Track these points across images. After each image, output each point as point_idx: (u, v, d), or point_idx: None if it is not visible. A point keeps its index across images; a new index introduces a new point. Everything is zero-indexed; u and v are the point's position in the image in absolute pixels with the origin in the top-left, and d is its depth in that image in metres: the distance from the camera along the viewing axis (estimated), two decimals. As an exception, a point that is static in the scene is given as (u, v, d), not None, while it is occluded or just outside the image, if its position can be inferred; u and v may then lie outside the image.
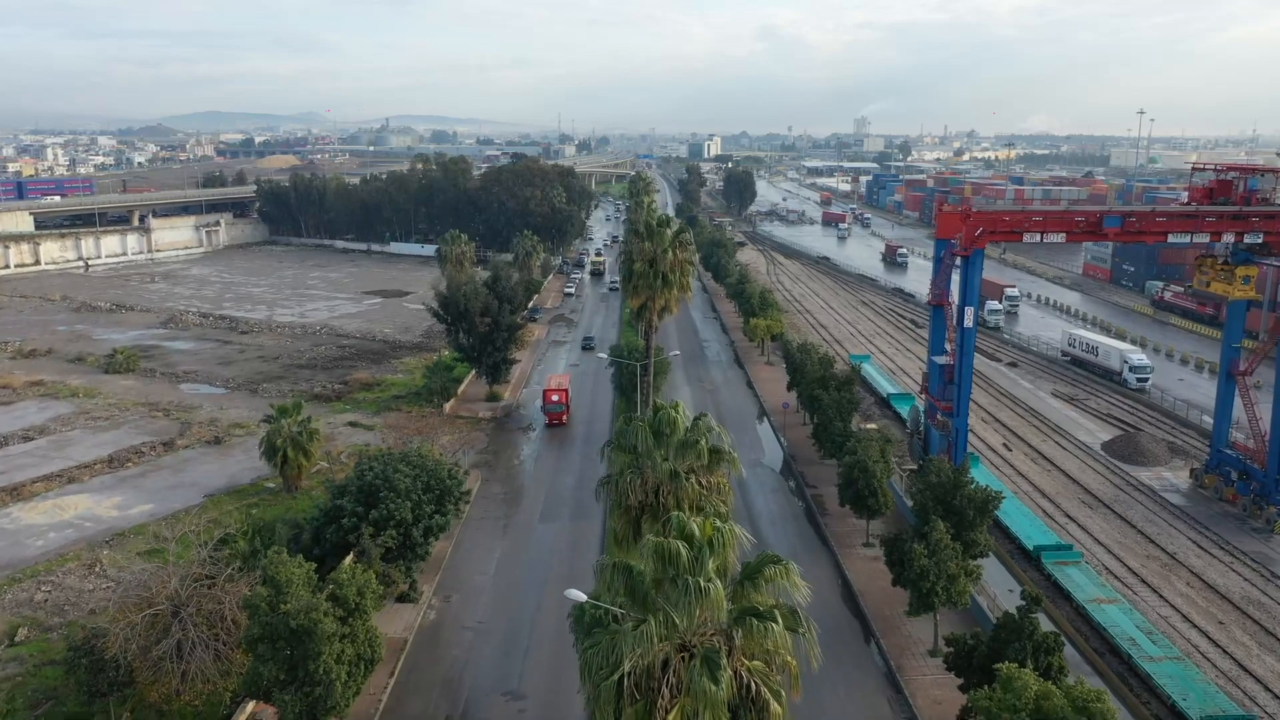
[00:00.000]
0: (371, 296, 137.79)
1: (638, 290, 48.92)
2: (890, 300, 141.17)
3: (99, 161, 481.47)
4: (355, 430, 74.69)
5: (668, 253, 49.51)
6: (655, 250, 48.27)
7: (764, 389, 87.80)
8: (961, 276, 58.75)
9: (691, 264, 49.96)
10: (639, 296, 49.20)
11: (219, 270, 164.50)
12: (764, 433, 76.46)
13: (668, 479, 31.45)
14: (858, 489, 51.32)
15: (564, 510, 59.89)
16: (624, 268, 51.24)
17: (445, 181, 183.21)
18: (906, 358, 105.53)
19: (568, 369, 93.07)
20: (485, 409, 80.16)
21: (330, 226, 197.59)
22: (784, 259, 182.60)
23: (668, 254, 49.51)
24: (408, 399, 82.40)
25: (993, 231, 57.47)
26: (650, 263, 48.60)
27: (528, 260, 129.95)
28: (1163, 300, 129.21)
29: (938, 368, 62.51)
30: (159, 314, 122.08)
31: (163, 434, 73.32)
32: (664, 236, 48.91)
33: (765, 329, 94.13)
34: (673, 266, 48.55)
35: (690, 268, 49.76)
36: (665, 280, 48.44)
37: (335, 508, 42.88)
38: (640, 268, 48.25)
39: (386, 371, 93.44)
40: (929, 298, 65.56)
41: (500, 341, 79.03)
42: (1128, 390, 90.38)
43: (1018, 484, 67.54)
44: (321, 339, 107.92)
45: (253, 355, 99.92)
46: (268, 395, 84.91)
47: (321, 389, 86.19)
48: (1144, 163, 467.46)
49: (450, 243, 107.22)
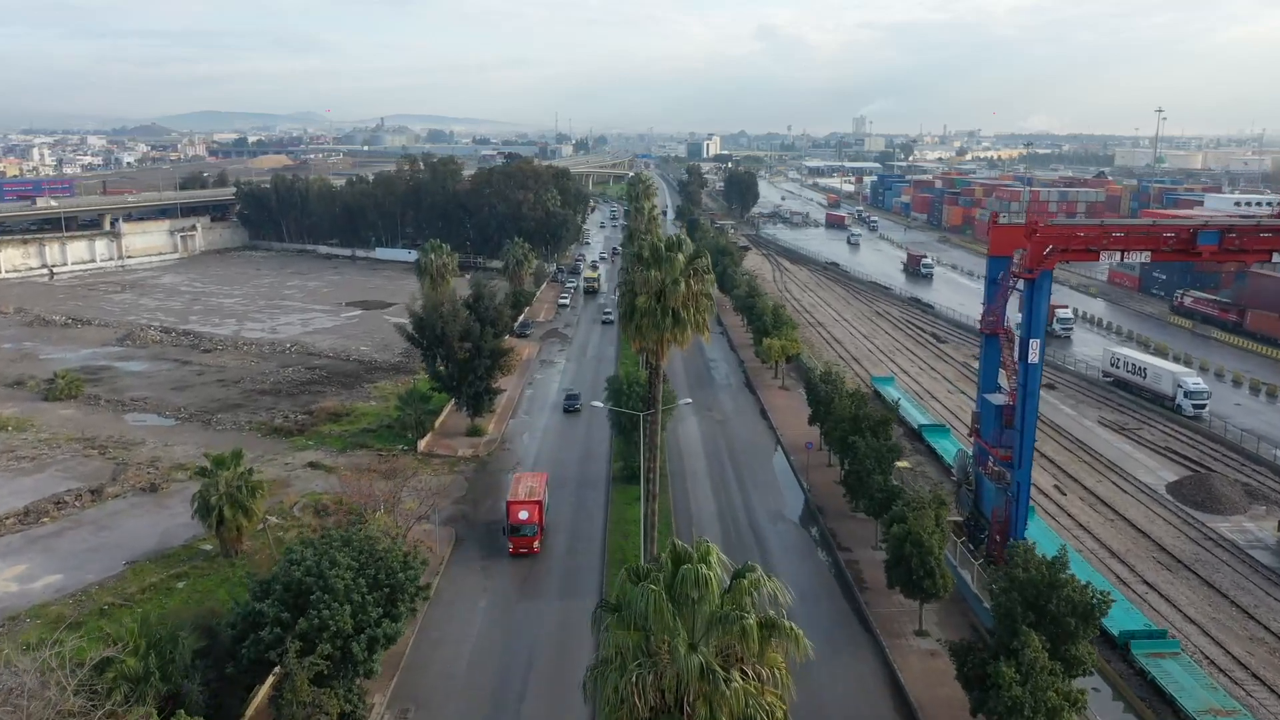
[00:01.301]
0: (351, 308, 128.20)
1: (641, 331, 38.71)
2: (907, 311, 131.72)
3: (86, 162, 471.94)
4: (314, 474, 65.10)
5: (679, 284, 39.34)
6: (664, 280, 38.42)
7: (780, 419, 78.36)
8: (1025, 303, 49.27)
9: (709, 297, 40.33)
10: (643, 339, 39.29)
11: (191, 278, 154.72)
12: (782, 473, 66.97)
13: (696, 676, 20.83)
14: (909, 567, 41.93)
15: (552, 581, 50.34)
16: (623, 300, 41.22)
17: (433, 184, 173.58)
18: (932, 378, 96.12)
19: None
20: (466, 445, 70.67)
21: (313, 231, 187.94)
22: (790, 265, 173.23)
23: (679, 286, 39.22)
24: (379, 433, 72.84)
25: (1064, 250, 48.01)
26: (658, 296, 38.81)
27: (518, 270, 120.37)
28: (1182, 305, 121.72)
29: (993, 408, 53.01)
30: (117, 329, 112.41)
31: (93, 478, 63.73)
32: (674, 264, 38.91)
33: (780, 350, 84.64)
34: (686, 301, 38.73)
35: (708, 302, 40.15)
36: (676, 318, 38.59)
37: (254, 612, 33.36)
38: (644, 303, 38.17)
39: (358, 397, 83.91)
40: (981, 325, 56.05)
41: (482, 369, 69.56)
42: (1183, 418, 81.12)
43: (1080, 539, 58.21)
44: (290, 359, 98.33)
45: (212, 378, 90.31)
46: (222, 427, 75.49)
47: (283, 420, 76.67)
48: (1151, 162, 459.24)
49: (430, 253, 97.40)
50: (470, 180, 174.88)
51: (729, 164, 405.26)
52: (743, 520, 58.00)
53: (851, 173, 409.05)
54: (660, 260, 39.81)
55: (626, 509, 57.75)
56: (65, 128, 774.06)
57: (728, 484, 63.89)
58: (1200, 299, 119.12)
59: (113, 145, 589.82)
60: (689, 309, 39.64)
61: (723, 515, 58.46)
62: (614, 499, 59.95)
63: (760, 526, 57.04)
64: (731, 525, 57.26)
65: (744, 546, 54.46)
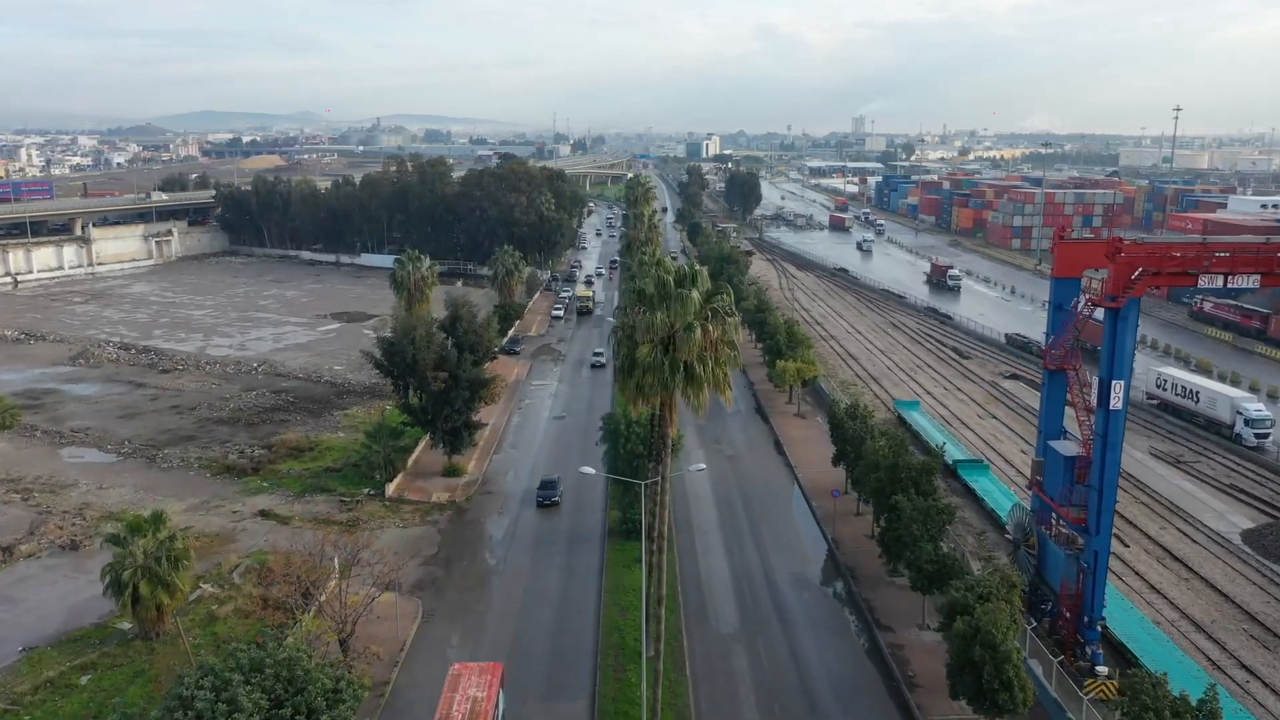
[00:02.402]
0: (329, 321, 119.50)
1: (644, 390, 29.68)
2: (924, 322, 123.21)
3: (75, 162, 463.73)
4: (264, 525, 56.45)
5: (693, 330, 30.25)
6: (673, 325, 29.62)
7: (798, 454, 69.80)
8: (1107, 336, 40.83)
9: (733, 346, 31.43)
10: (646, 399, 30.33)
11: (164, 287, 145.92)
12: (804, 523, 58.26)
13: None
14: (978, 674, 33.41)
15: (536, 673, 41.66)
16: (620, 349, 32.10)
17: (421, 186, 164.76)
18: (959, 401, 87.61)
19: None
20: (442, 488, 62.05)
21: (295, 235, 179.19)
22: (796, 270, 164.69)
23: (694, 332, 30.23)
24: (343, 473, 64.13)
25: (1156, 273, 39.53)
26: (665, 346, 30.01)
27: (508, 280, 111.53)
28: (1201, 311, 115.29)
29: (1061, 459, 44.47)
30: (73, 345, 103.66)
31: (7, 532, 55.07)
32: (687, 304, 29.87)
33: (796, 373, 76.00)
34: (703, 352, 29.92)
35: (731, 353, 31.20)
36: (690, 374, 29.72)
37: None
38: (648, 354, 29.41)
39: (325, 427, 75.27)
40: (1044, 359, 47.39)
41: (460, 402, 60.92)
42: (1244, 449, 72.77)
43: (1155, 606, 49.75)
44: (256, 380, 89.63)
45: (165, 404, 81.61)
46: (167, 465, 66.89)
47: (237, 456, 68.03)
48: (1158, 162, 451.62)
49: (408, 265, 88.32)
50: (460, 182, 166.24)
51: (729, 164, 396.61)
52: (761, 586, 49.41)
53: (853, 173, 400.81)
54: (669, 298, 30.76)
55: (625, 575, 49.18)
56: (62, 128, 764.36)
57: (741, 537, 55.30)
58: (1221, 304, 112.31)
59: (103, 146, 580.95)
60: (706, 362, 30.74)
61: (738, 579, 49.87)
62: (610, 560, 51.36)
63: (782, 595, 48.47)
64: (748, 593, 48.70)
65: (762, 620, 46.01)
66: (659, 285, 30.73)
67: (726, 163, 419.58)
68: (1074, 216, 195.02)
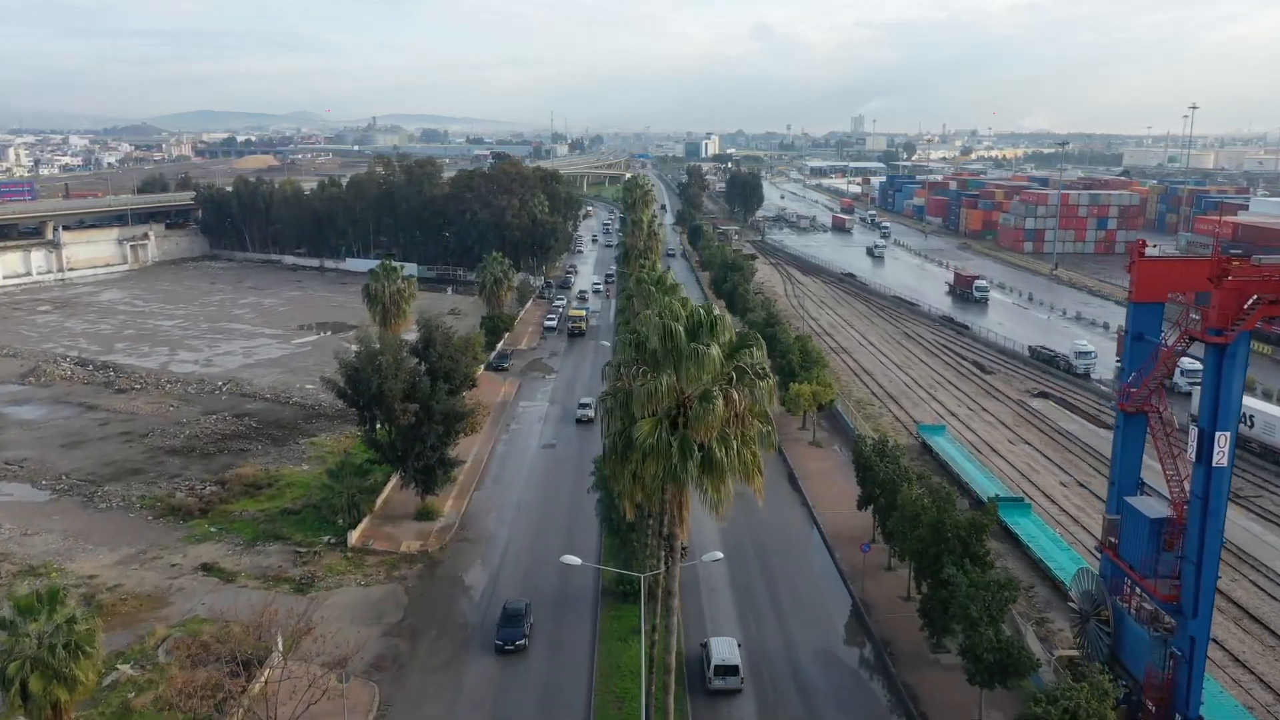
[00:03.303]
0: (306, 332, 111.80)
1: (644, 482, 21.84)
2: (939, 332, 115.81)
3: (65, 162, 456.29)
4: (206, 582, 48.88)
5: (713, 401, 21.89)
6: (685, 392, 21.41)
7: (816, 491, 62.28)
8: (1208, 377, 33.48)
9: (767, 420, 23.62)
10: (646, 493, 22.27)
11: (136, 294, 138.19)
12: (826, 580, 50.58)
13: None
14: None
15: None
16: (610, 423, 23.88)
17: (409, 188, 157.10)
18: (986, 424, 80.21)
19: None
20: (413, 534, 54.50)
21: (279, 239, 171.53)
22: (801, 275, 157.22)
23: (713, 404, 21.80)
24: (301, 516, 56.53)
25: (1274, 301, 32.18)
26: (674, 420, 21.90)
27: (496, 290, 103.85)
28: None
29: (1143, 521, 37.01)
30: (25, 360, 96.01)
31: (-96, 593, 47.51)
32: (705, 363, 21.63)
33: (811, 397, 68.50)
34: (725, 429, 21.85)
35: (765, 429, 23.35)
36: (708, 459, 21.85)
37: None
38: (649, 434, 21.24)
39: (289, 457, 67.68)
40: (1119, 399, 39.77)
41: (434, 438, 53.36)
42: (1311, 483, 65.38)
43: (1241, 684, 42.32)
44: (219, 402, 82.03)
45: (115, 430, 74.01)
46: (105, 505, 59.38)
47: (186, 494, 60.46)
48: (1164, 161, 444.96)
49: (382, 277, 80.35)
50: (449, 184, 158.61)
51: (729, 164, 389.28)
52: (781, 665, 41.83)
53: (855, 173, 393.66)
54: (680, 356, 22.40)
55: (621, 651, 41.66)
56: (61, 128, 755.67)
57: (756, 600, 47.74)
58: None
59: (95, 145, 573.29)
60: (730, 442, 22.75)
61: (754, 657, 42.22)
62: (604, 630, 43.81)
63: (807, 676, 40.93)
64: (767, 674, 41.10)
65: (783, 701, 38.55)
66: (666, 337, 22.61)
67: (726, 162, 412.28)
68: (1088, 219, 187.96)
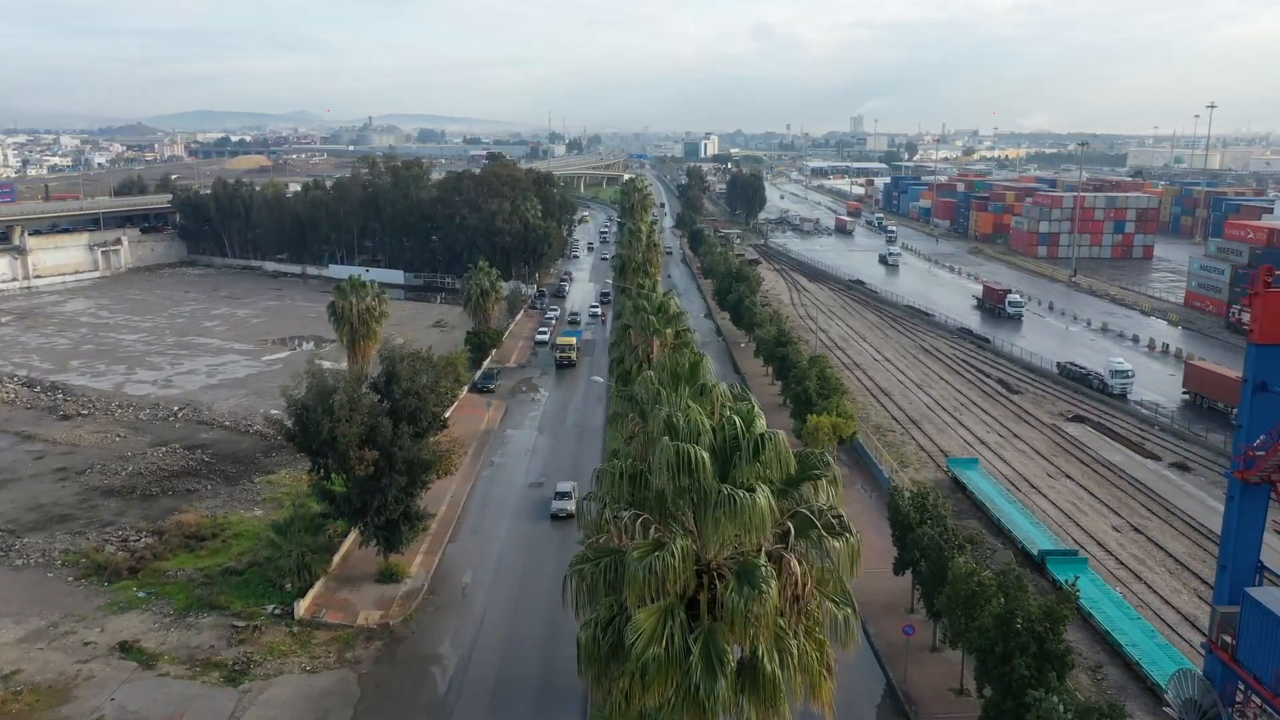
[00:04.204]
0: (279, 347, 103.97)
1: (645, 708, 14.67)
2: (958, 346, 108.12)
3: (54, 163, 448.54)
4: (121, 668, 40.96)
5: (763, 585, 13.34)
6: (713, 562, 13.88)
7: (838, 543, 54.45)
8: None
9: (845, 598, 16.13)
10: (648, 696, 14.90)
11: (103, 304, 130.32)
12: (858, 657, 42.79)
13: None
14: None
15: None
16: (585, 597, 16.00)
17: (395, 190, 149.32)
18: (1019, 453, 72.54)
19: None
20: (372, 601, 46.65)
21: (259, 244, 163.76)
22: (808, 282, 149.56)
23: (764, 589, 13.21)
24: (245, 577, 48.67)
25: None
26: (693, 603, 13.97)
27: (483, 302, 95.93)
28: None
29: (1275, 621, 29.37)
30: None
31: None
32: (746, 515, 13.68)
33: (831, 430, 60.67)
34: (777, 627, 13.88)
35: (843, 612, 15.72)
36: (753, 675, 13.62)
37: None
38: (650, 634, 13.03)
39: (240, 500, 59.85)
40: (1239, 466, 31.95)
41: (396, 489, 45.56)
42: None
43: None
44: (172, 430, 74.17)
45: (50, 466, 66.10)
46: (21, 562, 51.54)
47: (116, 548, 52.61)
48: (1169, 162, 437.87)
49: (350, 294, 72.03)
50: (437, 187, 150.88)
51: (729, 164, 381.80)
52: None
53: (856, 173, 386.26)
54: (705, 501, 13.50)
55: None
56: (59, 127, 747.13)
57: (777, 690, 40.01)
58: None
59: (86, 145, 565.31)
60: (788, 644, 14.09)
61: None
62: (593, 737, 36.09)
63: None
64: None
65: None
66: (681, 471, 14.33)
67: (726, 163, 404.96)
68: (1105, 222, 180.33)
